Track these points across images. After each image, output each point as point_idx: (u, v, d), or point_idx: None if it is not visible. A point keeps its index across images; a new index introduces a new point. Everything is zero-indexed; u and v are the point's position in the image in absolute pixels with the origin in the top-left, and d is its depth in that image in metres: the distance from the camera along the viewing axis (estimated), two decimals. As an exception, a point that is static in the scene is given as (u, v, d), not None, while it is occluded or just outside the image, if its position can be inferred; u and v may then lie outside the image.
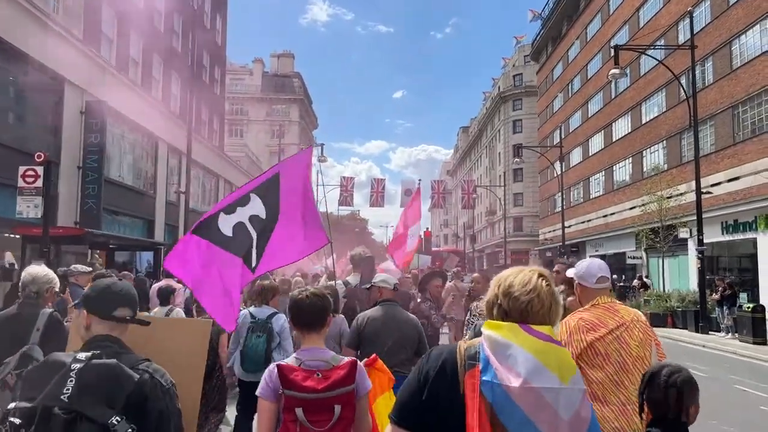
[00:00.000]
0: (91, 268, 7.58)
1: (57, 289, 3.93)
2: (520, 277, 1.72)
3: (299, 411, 2.36)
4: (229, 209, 4.90)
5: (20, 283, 3.75)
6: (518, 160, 32.07)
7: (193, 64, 29.46)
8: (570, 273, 3.39)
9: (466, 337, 4.48)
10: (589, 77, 41.11)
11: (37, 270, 3.80)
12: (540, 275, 1.73)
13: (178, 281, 7.18)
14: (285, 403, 2.41)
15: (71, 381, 1.73)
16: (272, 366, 2.53)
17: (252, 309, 5.58)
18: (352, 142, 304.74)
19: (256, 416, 3.11)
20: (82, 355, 1.81)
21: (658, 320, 19.28)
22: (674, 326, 19.18)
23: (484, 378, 1.55)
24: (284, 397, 2.40)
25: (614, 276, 28.52)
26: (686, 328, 18.48)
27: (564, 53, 47.49)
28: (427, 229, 35.11)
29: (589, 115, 40.77)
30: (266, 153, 56.41)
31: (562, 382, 1.54)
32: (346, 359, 2.59)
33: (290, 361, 2.58)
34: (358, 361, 2.64)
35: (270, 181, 5.16)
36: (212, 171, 31.49)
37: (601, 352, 2.93)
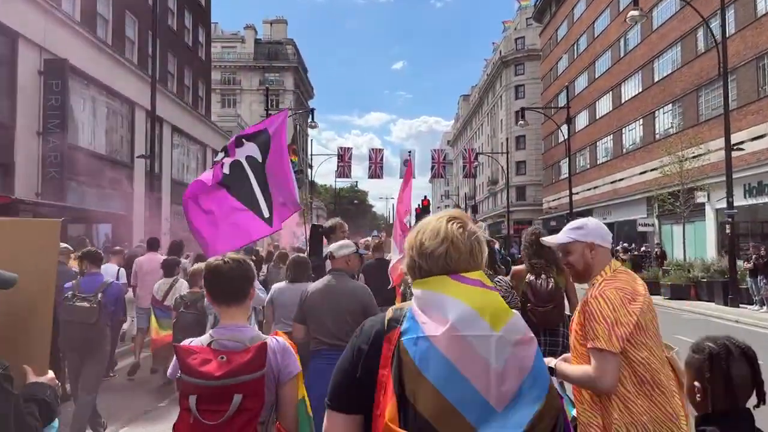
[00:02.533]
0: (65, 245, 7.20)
1: None
2: (429, 229, 1.54)
3: (192, 399, 2.08)
4: (229, 153, 5.49)
5: None
6: (522, 122, 30.11)
7: (174, 24, 27.58)
8: (562, 239, 2.68)
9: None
10: (596, 36, 38.97)
11: None
12: (450, 219, 1.55)
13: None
14: (182, 389, 2.14)
15: None
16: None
17: None
18: (352, 114, 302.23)
19: None
20: None
21: (679, 292, 17.68)
22: (698, 298, 17.52)
23: (406, 337, 1.38)
24: (181, 383, 2.14)
25: (625, 244, 26.94)
26: (713, 301, 16.79)
27: (569, 12, 45.20)
28: (426, 197, 33.60)
29: (596, 76, 38.76)
30: (260, 123, 54.47)
31: (493, 329, 1.38)
32: (260, 341, 2.24)
33: (202, 339, 2.31)
34: (282, 341, 2.33)
35: (261, 133, 5.64)
36: (198, 140, 29.70)
37: (642, 325, 2.39)
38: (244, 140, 5.70)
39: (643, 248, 25.91)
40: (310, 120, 30.79)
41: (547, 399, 1.38)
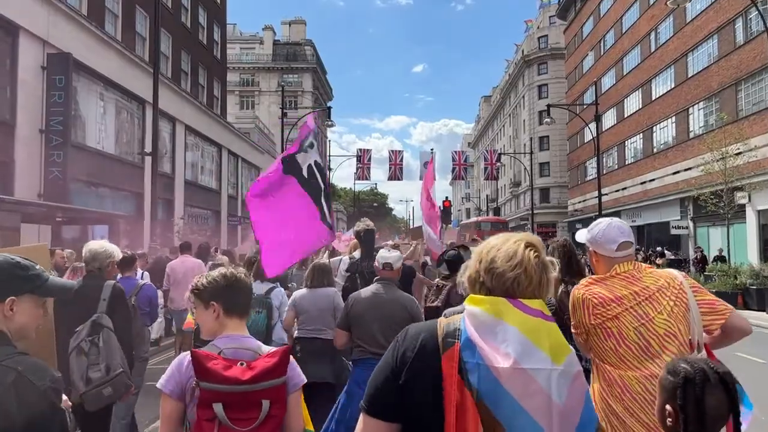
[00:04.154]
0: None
1: (117, 260, 4.33)
2: (504, 249, 1.51)
3: (218, 407, 1.92)
4: (302, 148, 5.67)
5: (83, 260, 4.10)
6: (549, 120, 28.80)
7: (187, 21, 26.93)
8: (581, 237, 2.83)
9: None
10: (624, 31, 37.46)
11: (96, 247, 4.09)
12: (528, 245, 1.51)
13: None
14: (201, 398, 1.96)
15: None
16: (183, 355, 2.13)
17: None
18: (372, 117, 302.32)
19: None
20: None
21: (725, 300, 16.10)
22: (746, 307, 16.07)
23: (468, 360, 1.36)
24: (200, 391, 1.96)
25: (659, 248, 25.54)
26: (764, 310, 15.29)
27: (595, 7, 43.69)
28: (447, 198, 32.62)
29: (625, 73, 37.24)
30: (279, 125, 53.74)
31: (554, 363, 1.37)
32: (275, 348, 2.17)
33: (207, 348, 2.13)
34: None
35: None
36: (214, 141, 28.98)
37: (613, 333, 2.43)
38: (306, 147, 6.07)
39: (674, 253, 24.36)
40: (327, 120, 29.92)
41: (597, 429, 1.41)
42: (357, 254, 6.58)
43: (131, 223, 17.18)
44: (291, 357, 2.21)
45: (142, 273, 7.85)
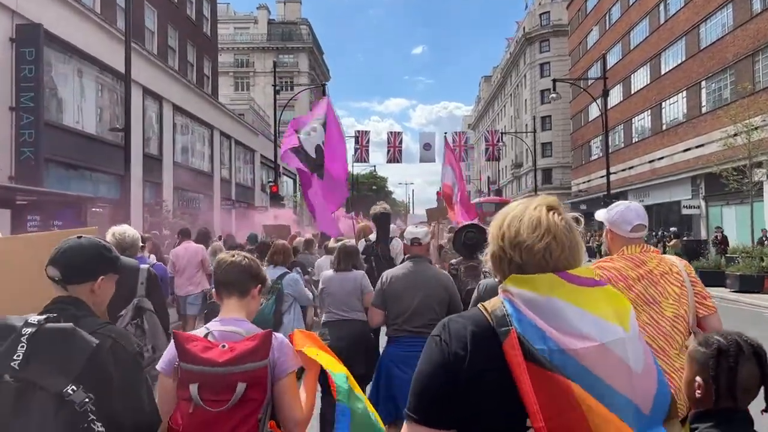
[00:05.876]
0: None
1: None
2: (527, 219, 1.36)
3: (193, 387, 1.98)
4: (305, 132, 6.99)
5: (123, 246, 4.12)
6: (555, 95, 27.64)
7: (174, -5, 25.57)
8: (599, 216, 2.96)
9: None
10: (631, 3, 36.08)
11: (132, 233, 4.31)
12: (550, 208, 1.38)
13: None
14: (180, 378, 2.04)
15: (22, 347, 1.62)
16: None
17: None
18: (372, 100, 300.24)
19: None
20: (35, 319, 1.68)
21: (750, 283, 15.18)
22: (774, 292, 15.11)
23: (537, 346, 1.24)
24: (180, 371, 2.04)
25: (672, 229, 24.52)
26: (794, 294, 14.45)
27: (600, -20, 42.22)
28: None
29: (632, 47, 35.92)
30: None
31: (625, 330, 1.27)
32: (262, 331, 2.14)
33: (198, 331, 2.23)
34: (281, 336, 2.23)
35: (325, 118, 7.12)
36: (205, 121, 27.73)
37: None
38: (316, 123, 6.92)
39: (684, 233, 23.35)
40: (322, 96, 28.73)
41: (666, 387, 1.35)
42: (373, 237, 6.61)
43: (108, 206, 16.08)
44: (288, 343, 2.20)
45: (149, 256, 7.84)
